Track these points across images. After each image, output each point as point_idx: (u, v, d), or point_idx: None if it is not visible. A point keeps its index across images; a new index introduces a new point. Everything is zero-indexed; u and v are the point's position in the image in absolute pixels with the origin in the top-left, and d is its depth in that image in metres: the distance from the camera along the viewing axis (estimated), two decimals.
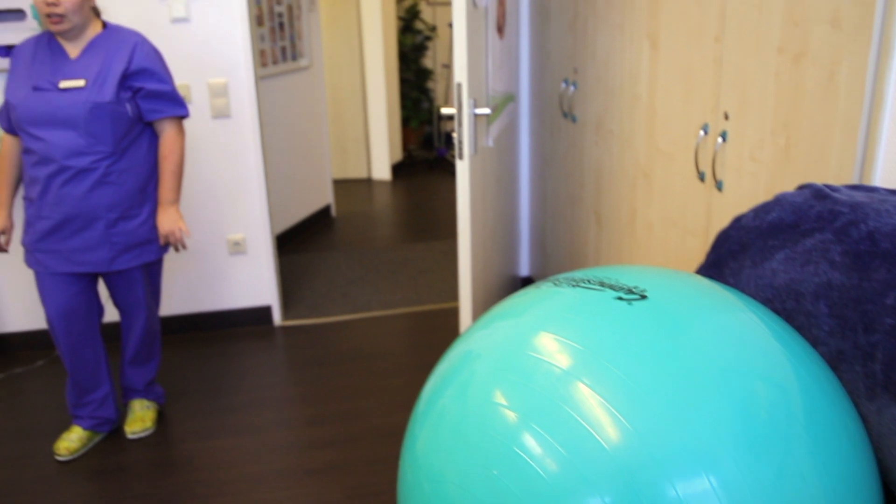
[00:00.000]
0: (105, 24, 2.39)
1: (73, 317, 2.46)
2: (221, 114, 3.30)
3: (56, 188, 2.34)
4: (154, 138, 2.44)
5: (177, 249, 2.46)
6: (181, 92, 3.21)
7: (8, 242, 2.51)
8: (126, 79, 2.33)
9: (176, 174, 2.42)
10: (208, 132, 3.32)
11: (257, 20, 4.14)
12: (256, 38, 3.75)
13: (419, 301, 3.73)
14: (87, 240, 2.39)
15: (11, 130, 2.42)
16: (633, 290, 1.17)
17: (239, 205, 3.43)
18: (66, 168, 2.32)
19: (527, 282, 3.81)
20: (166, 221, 2.43)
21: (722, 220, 1.89)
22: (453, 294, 3.82)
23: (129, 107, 2.34)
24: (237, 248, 3.48)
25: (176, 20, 3.16)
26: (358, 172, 6.01)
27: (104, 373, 2.57)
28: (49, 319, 2.45)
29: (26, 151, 2.35)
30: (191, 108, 3.28)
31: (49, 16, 2.25)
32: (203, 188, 3.39)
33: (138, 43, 2.36)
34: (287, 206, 4.59)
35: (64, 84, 2.29)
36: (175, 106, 2.41)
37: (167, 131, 2.41)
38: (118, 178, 2.37)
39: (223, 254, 3.48)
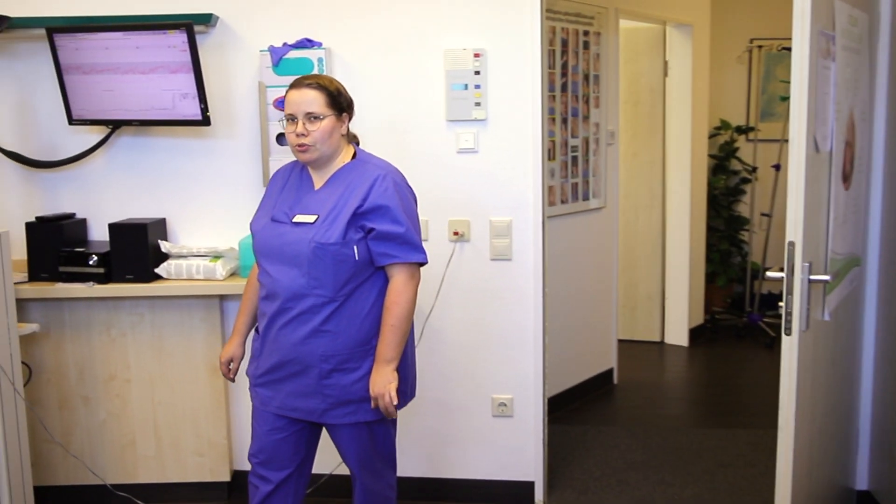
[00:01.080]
0: (356, 154, 2.51)
1: (273, 462, 2.56)
2: (501, 256, 3.41)
3: (276, 328, 2.47)
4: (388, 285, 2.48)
5: (388, 415, 2.44)
6: (459, 229, 3.38)
7: (235, 371, 2.70)
8: (358, 217, 2.40)
9: (397, 329, 2.41)
10: (485, 275, 3.44)
11: (549, 153, 4.31)
12: (547, 174, 3.89)
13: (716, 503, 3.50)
14: (300, 386, 2.48)
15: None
16: None
17: (510, 360, 3.47)
18: (287, 309, 2.44)
19: (864, 498, 3.41)
20: (378, 382, 2.41)
21: None
22: (763, 500, 3.52)
23: (356, 249, 2.40)
24: (502, 409, 3.50)
25: (462, 150, 3.37)
26: (649, 334, 5.92)
27: None
28: (249, 455, 2.59)
29: (260, 282, 2.53)
30: (469, 247, 3.43)
31: (298, 145, 2.43)
32: (471, 338, 3.48)
33: (379, 178, 2.42)
34: (562, 366, 4.57)
35: (298, 218, 2.44)
36: (408, 250, 2.42)
37: (395, 279, 2.44)
38: (336, 327, 2.42)
39: (485, 415, 3.51)
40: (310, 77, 2.47)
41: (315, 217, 2.42)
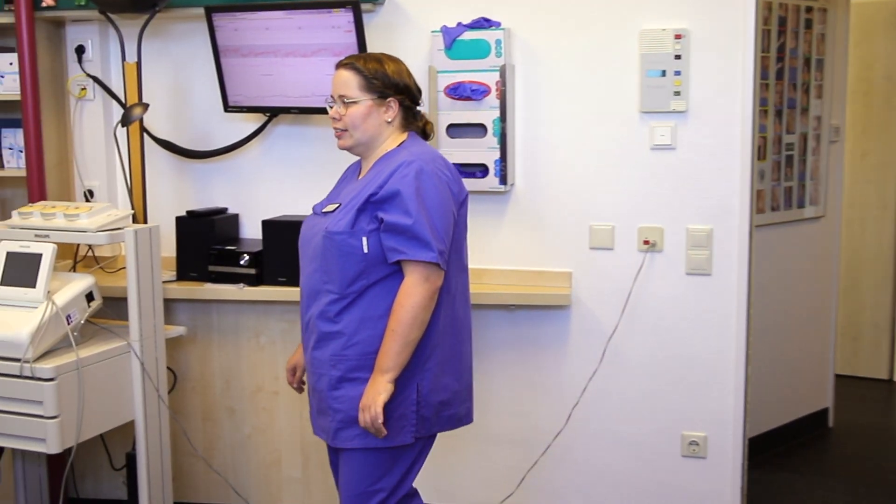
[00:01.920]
0: (403, 142, 2.53)
1: (340, 492, 2.57)
2: (699, 270, 3.33)
3: (303, 331, 2.57)
4: None
5: (375, 434, 2.40)
6: (650, 237, 3.33)
7: (299, 380, 2.76)
8: (372, 205, 2.41)
9: (397, 336, 2.36)
10: (679, 292, 3.36)
11: (759, 152, 4.18)
12: (756, 176, 3.74)
13: None
14: (318, 400, 2.53)
15: None
16: None
17: (705, 392, 3.39)
18: (307, 307, 2.52)
19: None
20: (367, 393, 2.38)
21: None
22: None
23: (366, 241, 2.41)
24: (694, 449, 3.41)
25: (657, 147, 3.31)
26: (874, 370, 5.68)
27: None
28: None
29: None
30: (661, 259, 3.35)
31: (334, 130, 2.52)
32: (661, 363, 3.42)
33: (403, 164, 2.42)
34: (767, 403, 4.42)
35: (327, 208, 2.53)
36: (415, 246, 2.38)
37: (406, 278, 2.40)
38: (347, 328, 2.43)
39: (673, 454, 3.43)
40: (350, 57, 2.54)
41: (336, 206, 2.50)
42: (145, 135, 3.58)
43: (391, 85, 2.50)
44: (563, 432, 3.47)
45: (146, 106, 3.43)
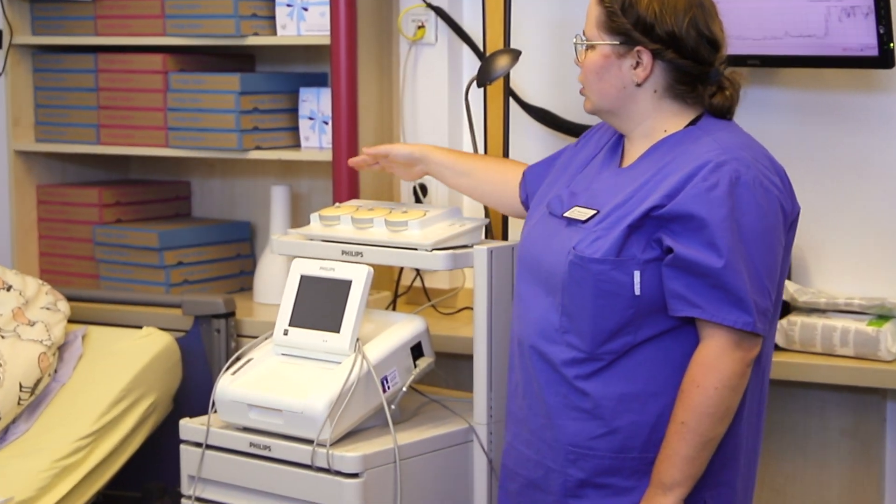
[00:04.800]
0: (697, 121, 2.53)
1: None
2: None
3: (513, 384, 2.67)
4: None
5: None
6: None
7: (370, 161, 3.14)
8: (654, 223, 2.39)
9: (691, 433, 2.36)
10: None
11: None
12: None
13: None
14: (535, 497, 2.58)
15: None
16: None
17: None
18: (530, 352, 2.55)
19: None
20: None
21: None
22: None
23: (639, 277, 2.39)
24: None
25: None
26: None
27: None
28: None
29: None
30: None
31: None
32: None
33: (707, 165, 2.38)
34: None
35: (572, 212, 2.52)
36: (721, 302, 2.34)
37: (704, 345, 2.38)
38: (599, 405, 2.44)
39: None
40: None
41: (592, 213, 2.48)
42: (512, 100, 3.59)
43: (641, 24, 2.46)
44: None
45: (516, 55, 3.41)
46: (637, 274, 2.39)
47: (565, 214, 2.53)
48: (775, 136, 3.42)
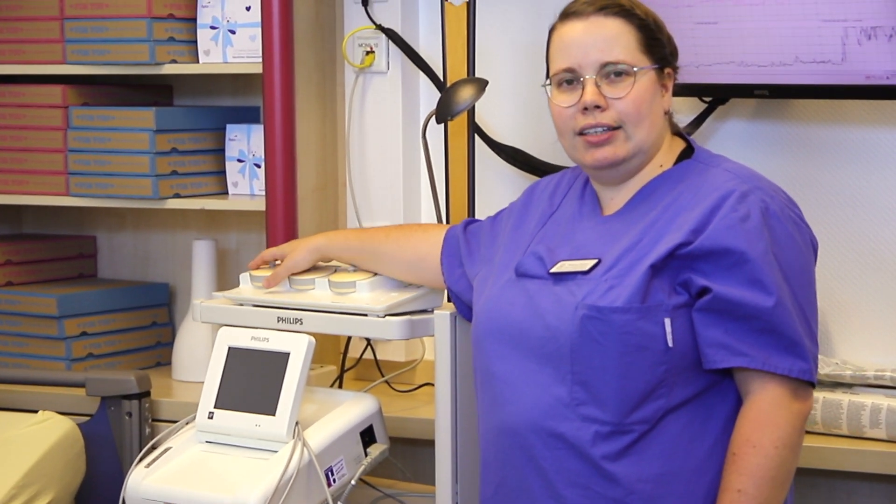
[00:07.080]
0: (687, 152, 2.58)
1: None
2: None
3: (503, 475, 2.58)
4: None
5: None
6: None
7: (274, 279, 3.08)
8: (678, 263, 2.41)
9: (753, 501, 2.34)
10: None
11: None
12: None
13: None
14: None
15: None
16: None
17: None
18: (534, 440, 2.49)
19: None
20: None
21: None
22: None
23: (669, 326, 2.40)
24: None
25: None
26: None
27: None
28: None
29: (478, 401, 2.69)
30: None
31: (583, 133, 2.50)
32: None
33: (733, 196, 2.41)
34: None
35: (561, 266, 2.52)
36: (774, 347, 2.36)
37: (755, 398, 2.39)
38: (628, 494, 2.42)
39: None
40: None
41: (593, 263, 2.49)
42: (478, 137, 3.66)
43: (670, 43, 2.57)
44: None
45: (483, 85, 3.44)
46: (668, 322, 2.41)
47: (552, 271, 2.53)
48: (786, 176, 3.51)
